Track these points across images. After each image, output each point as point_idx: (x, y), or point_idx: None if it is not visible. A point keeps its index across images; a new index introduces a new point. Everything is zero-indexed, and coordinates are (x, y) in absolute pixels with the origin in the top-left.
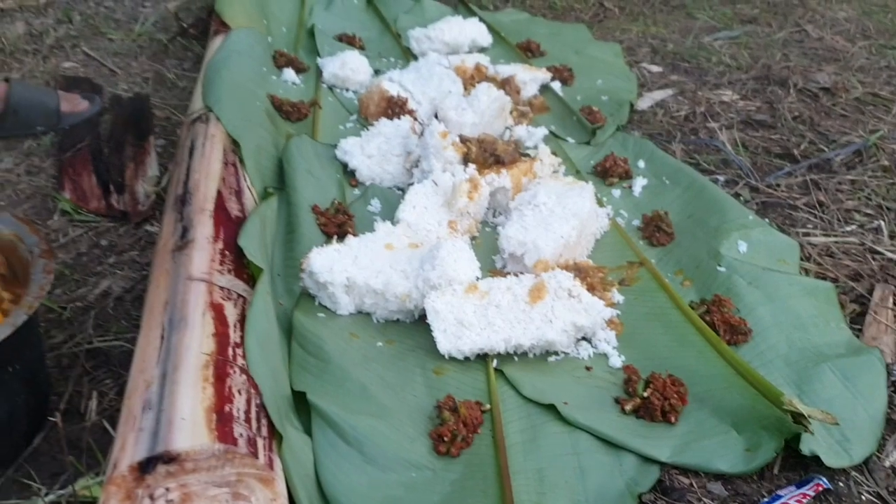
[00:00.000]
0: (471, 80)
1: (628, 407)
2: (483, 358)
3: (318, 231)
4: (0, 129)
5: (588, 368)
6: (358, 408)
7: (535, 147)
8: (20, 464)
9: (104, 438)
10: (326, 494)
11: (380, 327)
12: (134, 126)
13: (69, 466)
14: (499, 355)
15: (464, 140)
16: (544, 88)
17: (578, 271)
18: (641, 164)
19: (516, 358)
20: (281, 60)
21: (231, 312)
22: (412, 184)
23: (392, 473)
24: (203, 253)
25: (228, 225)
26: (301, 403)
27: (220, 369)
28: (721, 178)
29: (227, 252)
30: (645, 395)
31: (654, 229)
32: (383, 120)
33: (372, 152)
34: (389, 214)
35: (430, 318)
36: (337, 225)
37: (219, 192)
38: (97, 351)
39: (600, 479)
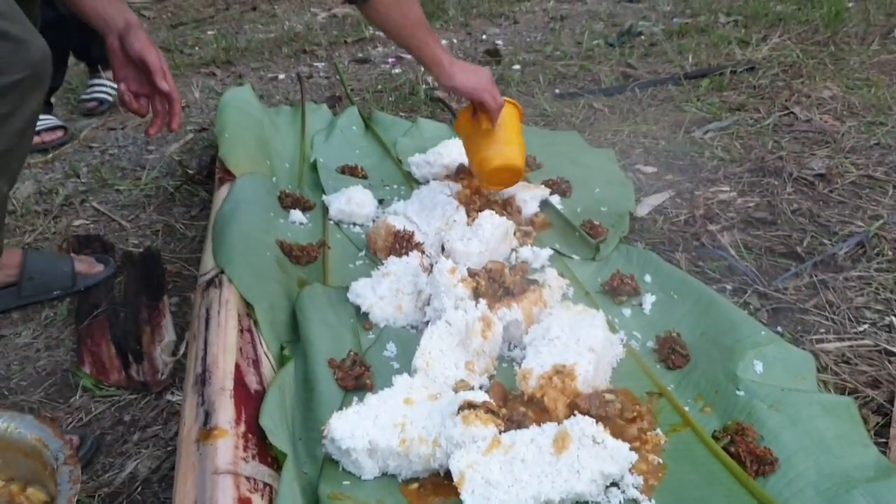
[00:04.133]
0: (473, 204)
1: None
2: None
3: (335, 387)
4: (17, 297)
5: None
6: None
7: (542, 268)
8: None
9: None
10: None
11: None
12: (147, 285)
13: None
14: None
15: (472, 274)
16: (544, 204)
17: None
18: (648, 278)
19: None
20: (287, 201)
21: None
22: (426, 322)
23: None
24: (227, 441)
25: (249, 402)
26: None
27: None
28: (728, 286)
29: (249, 435)
30: None
31: (669, 352)
32: (392, 258)
33: (383, 293)
34: (405, 357)
35: (457, 481)
36: (354, 378)
37: (237, 367)
38: None
39: None
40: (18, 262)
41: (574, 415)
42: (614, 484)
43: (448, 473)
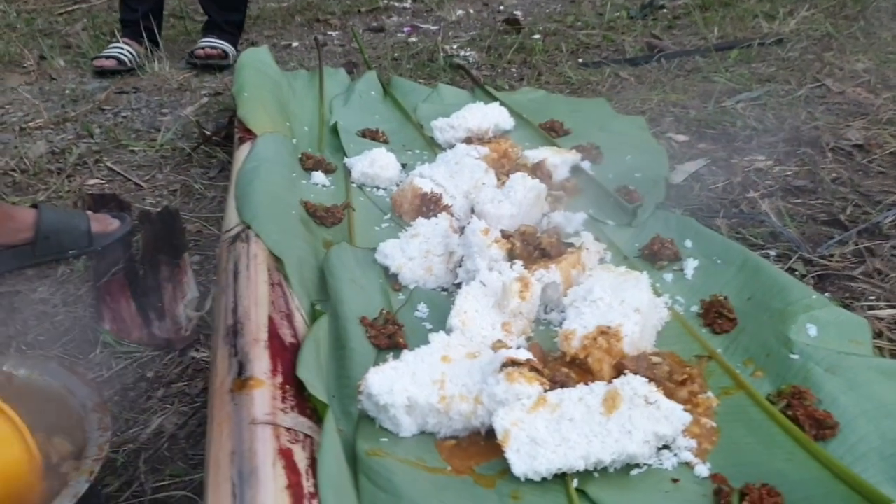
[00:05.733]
0: (501, 168)
1: None
2: (562, 477)
3: (368, 345)
4: (32, 255)
5: (675, 480)
6: None
7: (577, 234)
8: None
9: None
10: None
11: None
12: (166, 243)
13: None
14: (578, 473)
15: (506, 235)
16: (575, 170)
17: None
18: (689, 243)
19: (596, 474)
20: (308, 163)
21: (301, 458)
22: (457, 284)
23: None
24: (264, 391)
25: (284, 355)
26: None
27: None
28: (772, 252)
29: (287, 386)
30: None
31: (716, 316)
32: (420, 220)
33: (413, 254)
34: (438, 319)
35: (501, 439)
36: (387, 336)
37: (270, 319)
38: (154, 501)
39: None
40: (33, 221)
41: (625, 373)
42: (666, 447)
43: (489, 433)
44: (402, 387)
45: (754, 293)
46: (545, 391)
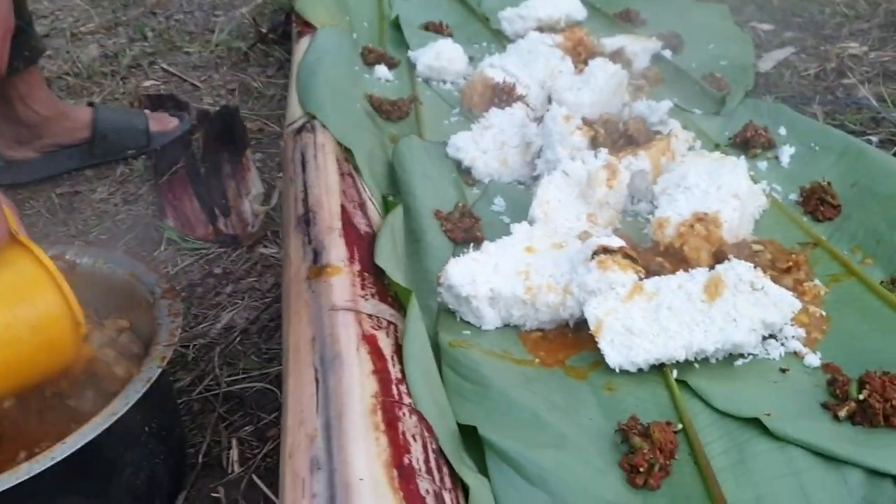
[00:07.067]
0: (578, 56)
1: (842, 413)
2: (659, 368)
3: (444, 238)
4: (90, 156)
5: (783, 370)
6: (534, 439)
7: (661, 122)
8: None
9: (252, 494)
10: None
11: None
12: (228, 141)
13: None
14: (677, 364)
15: (588, 123)
16: (656, 58)
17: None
18: (783, 131)
19: (697, 365)
20: (370, 57)
21: (386, 344)
22: (535, 177)
23: None
24: (343, 278)
25: (360, 243)
26: (466, 436)
27: (390, 413)
28: (874, 138)
29: (366, 274)
30: (860, 397)
31: (818, 202)
32: (494, 110)
33: (487, 146)
34: (516, 213)
35: (594, 329)
36: (464, 230)
37: (343, 208)
38: (229, 393)
39: (828, 502)
40: (90, 120)
41: (728, 258)
42: (772, 336)
43: (577, 325)
44: (485, 278)
45: (858, 179)
46: (640, 279)
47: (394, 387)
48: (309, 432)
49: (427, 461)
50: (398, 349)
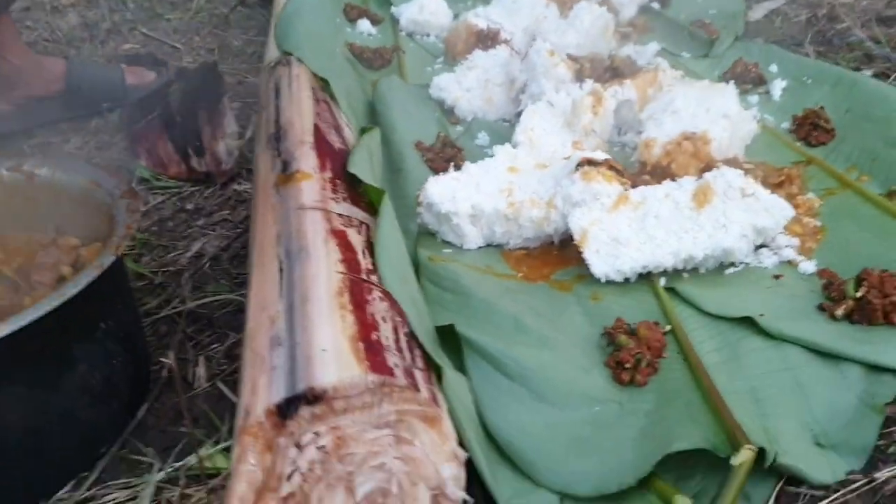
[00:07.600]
0: (563, 5)
1: (839, 311)
2: (647, 278)
3: (424, 168)
4: (65, 108)
5: (777, 277)
6: (515, 339)
7: (649, 64)
8: (126, 439)
9: (219, 405)
10: (497, 438)
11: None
12: (205, 92)
13: (182, 437)
14: (665, 272)
15: (573, 58)
16: (644, 9)
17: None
18: (774, 68)
19: (686, 274)
20: (353, 13)
21: (356, 240)
22: (520, 113)
23: (571, 411)
24: (313, 183)
25: (333, 157)
26: (444, 342)
27: (358, 295)
28: (868, 72)
29: (338, 181)
30: (858, 295)
31: (811, 128)
32: (478, 52)
33: (470, 85)
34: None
35: (578, 239)
36: (446, 160)
37: (316, 126)
38: (197, 314)
39: (826, 395)
40: (62, 72)
41: (717, 166)
42: (764, 245)
43: (563, 241)
44: (466, 195)
45: (852, 106)
46: (626, 190)
47: (363, 275)
48: (270, 315)
49: (398, 341)
50: (370, 246)
